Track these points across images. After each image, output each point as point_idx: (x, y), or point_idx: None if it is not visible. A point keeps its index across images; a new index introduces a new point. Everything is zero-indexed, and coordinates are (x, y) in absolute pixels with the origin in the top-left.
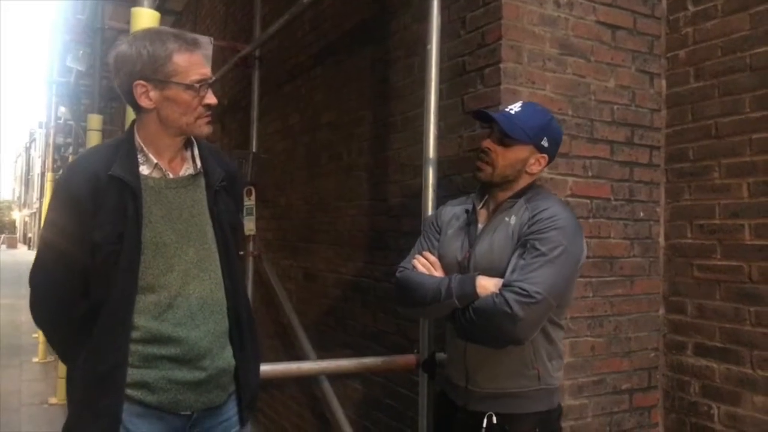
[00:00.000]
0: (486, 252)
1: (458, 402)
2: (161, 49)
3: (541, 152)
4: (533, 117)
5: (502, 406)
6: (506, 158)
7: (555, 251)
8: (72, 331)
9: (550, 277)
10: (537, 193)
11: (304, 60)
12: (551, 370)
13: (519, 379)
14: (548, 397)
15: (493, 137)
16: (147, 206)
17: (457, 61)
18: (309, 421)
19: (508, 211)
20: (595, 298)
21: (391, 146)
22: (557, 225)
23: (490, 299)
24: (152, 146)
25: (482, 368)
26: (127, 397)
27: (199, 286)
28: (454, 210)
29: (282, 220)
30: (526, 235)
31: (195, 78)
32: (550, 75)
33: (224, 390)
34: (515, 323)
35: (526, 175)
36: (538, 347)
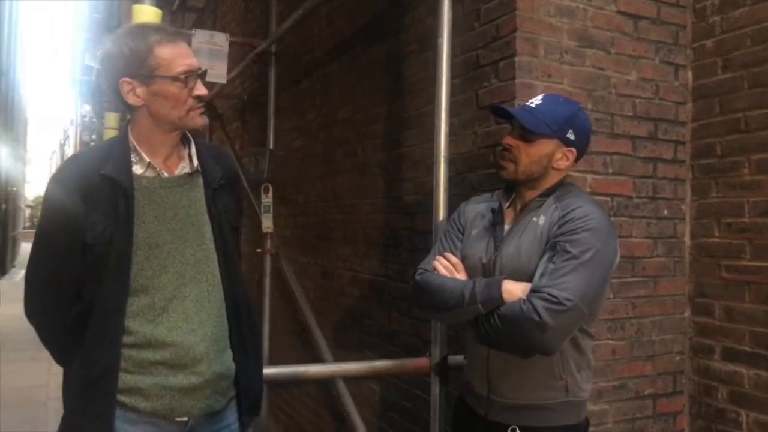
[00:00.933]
0: (513, 254)
1: (479, 411)
2: (142, 44)
3: (568, 146)
4: (556, 109)
5: (527, 418)
6: (530, 154)
7: (587, 254)
8: (65, 333)
9: (581, 283)
10: (568, 191)
11: (320, 56)
12: (580, 381)
13: (545, 391)
14: (576, 410)
15: (513, 133)
16: (140, 206)
17: (470, 55)
18: (326, 420)
19: (536, 210)
20: (616, 300)
21: (404, 143)
22: (589, 226)
23: (516, 305)
24: (146, 145)
25: (506, 377)
26: (120, 403)
27: (196, 288)
28: (478, 208)
29: (299, 217)
30: (555, 237)
31: (180, 69)
32: (567, 68)
33: (223, 395)
34: (544, 332)
35: (553, 172)
36: (567, 357)
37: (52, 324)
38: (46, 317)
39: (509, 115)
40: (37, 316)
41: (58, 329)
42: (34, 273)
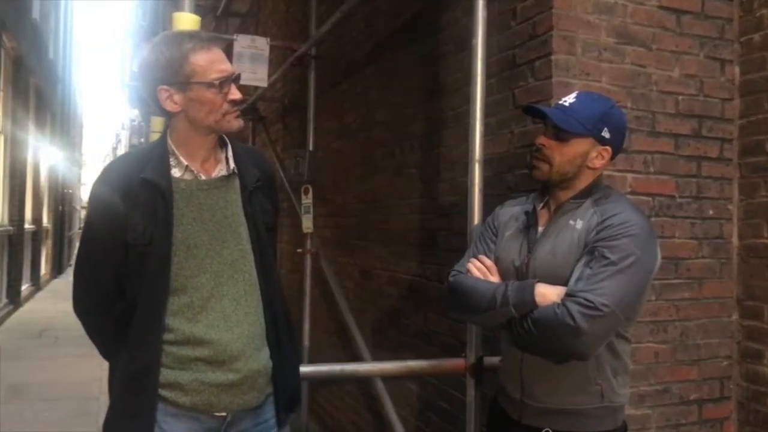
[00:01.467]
0: (547, 257)
1: (513, 415)
2: (177, 52)
3: (603, 144)
4: (590, 107)
5: (561, 423)
6: (564, 154)
7: (626, 260)
8: (109, 330)
9: (619, 289)
10: (606, 194)
11: (359, 58)
12: (616, 386)
13: (580, 396)
14: (612, 415)
15: (547, 132)
16: (178, 208)
17: (507, 54)
18: (365, 419)
19: (572, 213)
20: (658, 302)
21: (441, 143)
22: (630, 232)
23: (551, 309)
24: (184, 149)
25: (539, 381)
26: (161, 398)
27: (233, 287)
28: (512, 211)
29: (339, 217)
30: (594, 242)
31: (215, 76)
32: (606, 66)
33: (260, 392)
34: (578, 337)
35: (588, 171)
36: (602, 362)
37: (96, 321)
38: (92, 314)
39: (543, 114)
40: (83, 314)
41: (102, 326)
42: (80, 272)
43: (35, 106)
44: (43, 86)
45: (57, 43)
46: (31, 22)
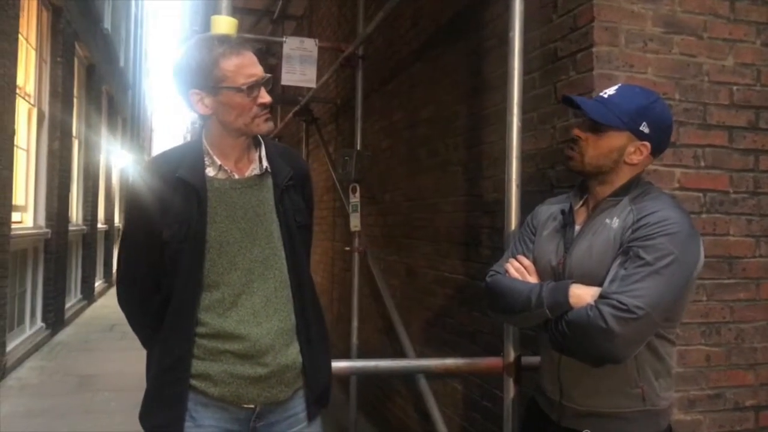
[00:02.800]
0: (583, 258)
1: (551, 416)
2: (208, 57)
3: (642, 139)
4: (630, 100)
5: (600, 426)
6: (598, 147)
7: (663, 261)
8: (148, 322)
9: (655, 291)
10: (645, 192)
11: (405, 56)
12: (658, 389)
13: (620, 399)
14: (654, 419)
15: (583, 124)
16: (212, 206)
17: (548, 47)
18: (411, 416)
19: (609, 211)
20: (710, 303)
21: (484, 140)
22: (667, 231)
23: (584, 311)
24: (217, 149)
25: (578, 384)
26: (192, 387)
27: (264, 284)
28: (551, 210)
29: (387, 216)
30: (629, 242)
31: (244, 81)
32: (652, 57)
33: (289, 386)
34: (611, 340)
35: (626, 167)
36: (643, 364)
37: (137, 313)
38: (133, 307)
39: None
40: (125, 306)
41: (142, 318)
42: (121, 268)
43: (107, 111)
44: (115, 92)
45: (127, 51)
46: (103, 32)
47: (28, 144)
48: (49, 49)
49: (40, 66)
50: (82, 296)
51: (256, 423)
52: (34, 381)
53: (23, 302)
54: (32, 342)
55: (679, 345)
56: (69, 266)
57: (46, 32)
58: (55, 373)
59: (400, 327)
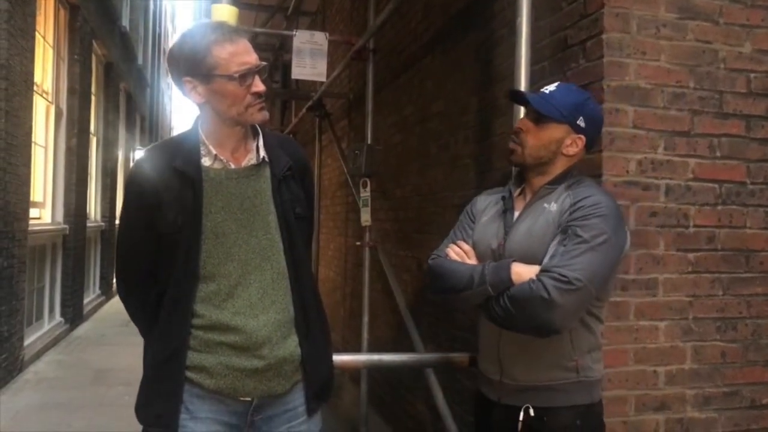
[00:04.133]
0: (523, 239)
1: (492, 397)
2: (201, 44)
3: (578, 133)
4: (568, 95)
5: (539, 399)
6: (539, 138)
7: (598, 239)
8: (146, 312)
9: (591, 265)
10: (579, 181)
11: (416, 50)
12: (590, 362)
13: (556, 371)
14: (588, 390)
15: (526, 117)
16: (207, 197)
17: (559, 36)
18: (420, 411)
19: (546, 197)
20: (725, 297)
21: (494, 132)
22: (600, 212)
23: (526, 285)
24: (213, 138)
25: (518, 360)
26: (188, 379)
27: (261, 275)
28: (489, 198)
29: (398, 211)
30: (567, 222)
31: (237, 69)
32: (665, 43)
33: (287, 379)
34: (552, 310)
35: (562, 158)
36: (577, 338)
37: (135, 305)
38: (131, 298)
39: (524, 99)
40: (124, 297)
41: (140, 309)
42: (118, 259)
43: (126, 109)
44: (133, 90)
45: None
46: (121, 30)
47: (46, 141)
48: (67, 47)
49: (58, 64)
50: (100, 291)
51: (253, 416)
52: (50, 375)
53: (42, 297)
54: (51, 336)
55: (693, 341)
56: (87, 262)
57: (64, 30)
58: (72, 367)
59: (410, 322)
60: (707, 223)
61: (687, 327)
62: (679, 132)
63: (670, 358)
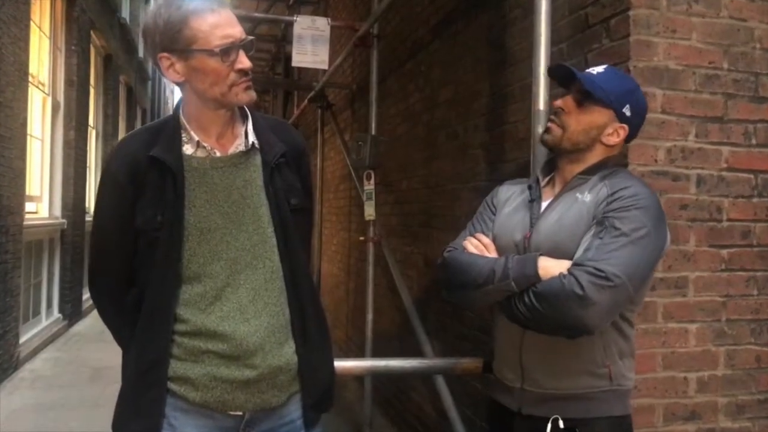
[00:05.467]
0: (552, 231)
1: (511, 406)
2: (176, 15)
3: (622, 122)
4: (618, 81)
5: (569, 409)
6: (580, 121)
7: (639, 232)
8: (122, 319)
9: (631, 260)
10: (615, 171)
11: (423, 35)
12: (624, 369)
13: (587, 379)
14: (622, 399)
15: (568, 97)
16: (190, 189)
17: (579, 14)
18: (429, 415)
19: (580, 187)
20: (761, 297)
21: (507, 120)
22: (641, 204)
23: (557, 280)
24: (196, 123)
25: (542, 365)
26: (170, 392)
27: (252, 275)
28: (513, 188)
29: (404, 204)
30: (604, 213)
31: (218, 42)
32: (697, 20)
33: (282, 390)
34: (586, 308)
35: (600, 147)
36: (609, 342)
37: (111, 311)
38: (105, 301)
39: (571, 75)
40: (97, 300)
41: (115, 315)
42: (91, 258)
43: (126, 102)
44: (134, 83)
45: None
46: (120, 22)
47: (43, 134)
48: (64, 37)
49: (55, 55)
50: None
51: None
52: (47, 373)
53: (39, 293)
54: (48, 333)
55: (726, 345)
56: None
57: (61, 20)
58: (69, 365)
59: (416, 320)
60: (742, 216)
61: (720, 330)
62: (711, 117)
63: (701, 363)
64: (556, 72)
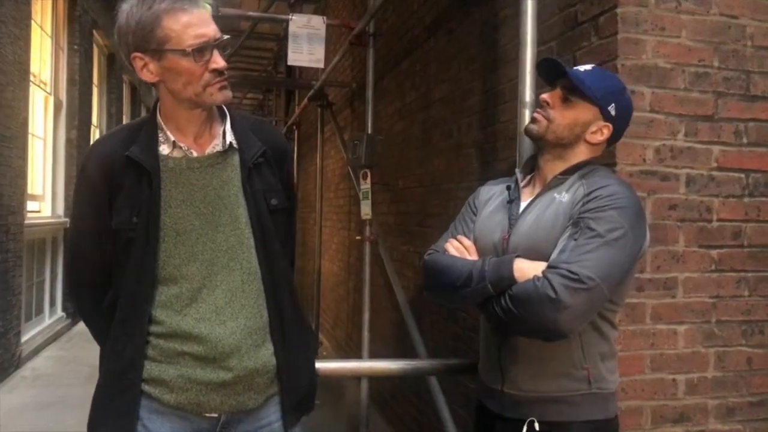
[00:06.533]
0: (529, 231)
1: (494, 409)
2: (148, 14)
3: (606, 120)
4: (605, 79)
5: (546, 412)
6: (565, 116)
7: (614, 233)
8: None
9: (606, 262)
10: (594, 170)
11: (418, 33)
12: (604, 371)
13: (565, 381)
14: (603, 403)
15: (555, 92)
16: (166, 189)
17: (568, 12)
18: (424, 414)
19: (558, 188)
20: (752, 298)
21: (499, 118)
22: (618, 204)
23: (530, 283)
24: (172, 123)
25: (521, 368)
26: (144, 394)
27: (228, 276)
28: (494, 189)
29: (400, 203)
30: (580, 213)
31: (191, 42)
32: (686, 18)
33: (259, 392)
34: (559, 311)
35: (584, 145)
36: (588, 345)
37: (87, 308)
38: (82, 301)
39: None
40: (75, 300)
41: (92, 314)
42: (68, 258)
43: (130, 101)
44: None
45: None
46: None
47: (45, 133)
48: (66, 36)
49: (57, 54)
50: None
51: None
52: (48, 371)
53: (42, 291)
54: (51, 331)
55: (716, 346)
56: None
57: (63, 20)
58: (70, 363)
59: (410, 320)
60: (732, 216)
61: (709, 331)
62: (701, 116)
63: (690, 365)
64: (544, 67)
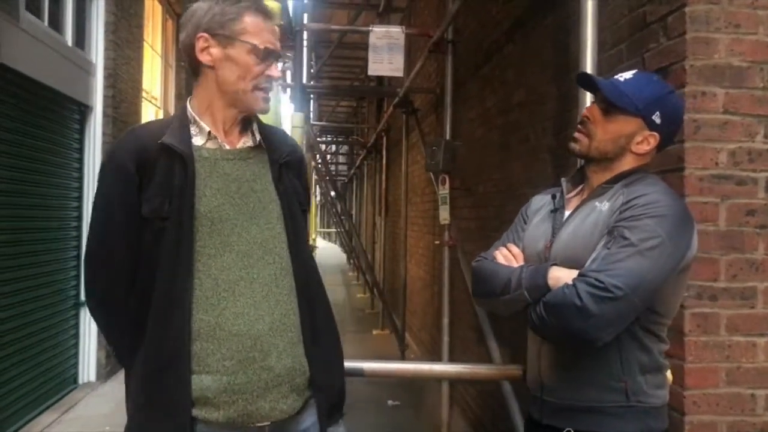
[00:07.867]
0: (568, 241)
1: (535, 416)
2: (233, 7)
3: (652, 129)
4: (645, 87)
5: (582, 422)
6: (607, 130)
7: (648, 242)
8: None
9: (636, 272)
10: (641, 178)
11: (497, 38)
12: (645, 385)
13: (602, 392)
14: (642, 417)
15: (595, 106)
16: (200, 178)
17: (637, 13)
18: (500, 418)
19: (601, 196)
20: None
21: (571, 123)
22: (655, 213)
23: (560, 290)
24: (207, 115)
25: (558, 376)
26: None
27: (264, 270)
28: (545, 198)
29: (480, 209)
30: (615, 222)
31: (264, 44)
32: (763, 14)
33: (300, 394)
34: (586, 320)
35: (630, 156)
36: (628, 356)
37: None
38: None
39: (594, 85)
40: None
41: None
42: (90, 253)
43: None
44: None
45: None
46: None
47: None
48: (174, 54)
49: (166, 71)
50: None
51: None
52: None
53: None
54: None
55: None
56: None
57: (171, 40)
58: None
59: (486, 327)
60: None
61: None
62: None
63: None
64: (583, 81)
